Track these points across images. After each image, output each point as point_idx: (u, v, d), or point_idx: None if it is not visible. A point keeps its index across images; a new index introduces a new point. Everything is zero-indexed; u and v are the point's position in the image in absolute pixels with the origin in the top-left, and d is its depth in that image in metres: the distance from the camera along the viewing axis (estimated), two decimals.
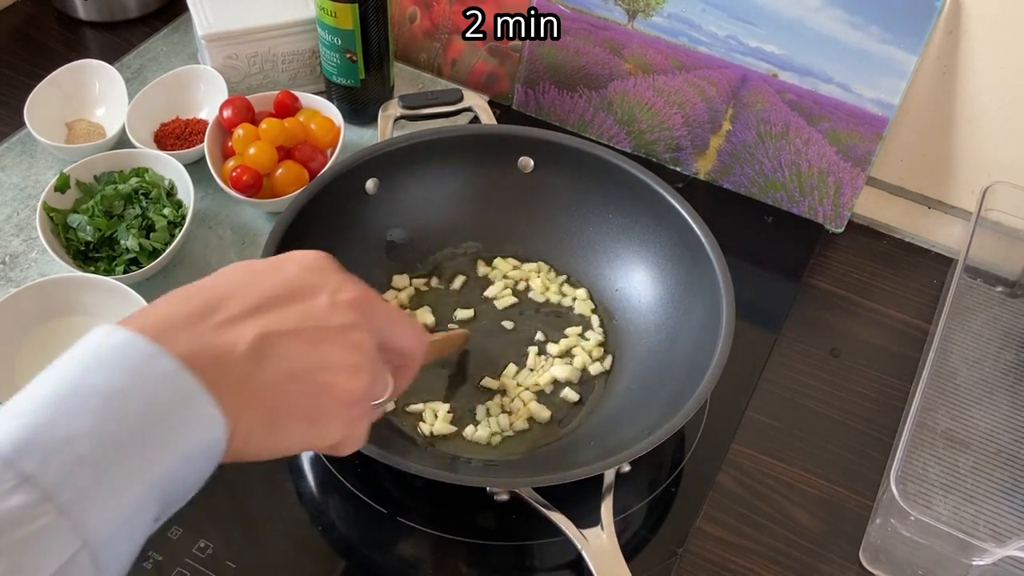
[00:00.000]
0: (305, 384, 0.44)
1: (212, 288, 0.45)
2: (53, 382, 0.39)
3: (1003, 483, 0.75)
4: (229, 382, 0.41)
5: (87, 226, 0.82)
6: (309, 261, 0.48)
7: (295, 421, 0.44)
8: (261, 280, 0.46)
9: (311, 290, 0.46)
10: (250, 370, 0.42)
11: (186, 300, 0.44)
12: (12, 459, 0.36)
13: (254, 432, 0.42)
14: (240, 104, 0.90)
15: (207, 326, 0.42)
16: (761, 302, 0.87)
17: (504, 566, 0.70)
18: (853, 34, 0.85)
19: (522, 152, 0.84)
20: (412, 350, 0.52)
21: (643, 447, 0.64)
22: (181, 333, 0.41)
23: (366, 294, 0.48)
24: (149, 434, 0.39)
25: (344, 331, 0.46)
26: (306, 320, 0.45)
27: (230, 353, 0.42)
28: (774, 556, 0.71)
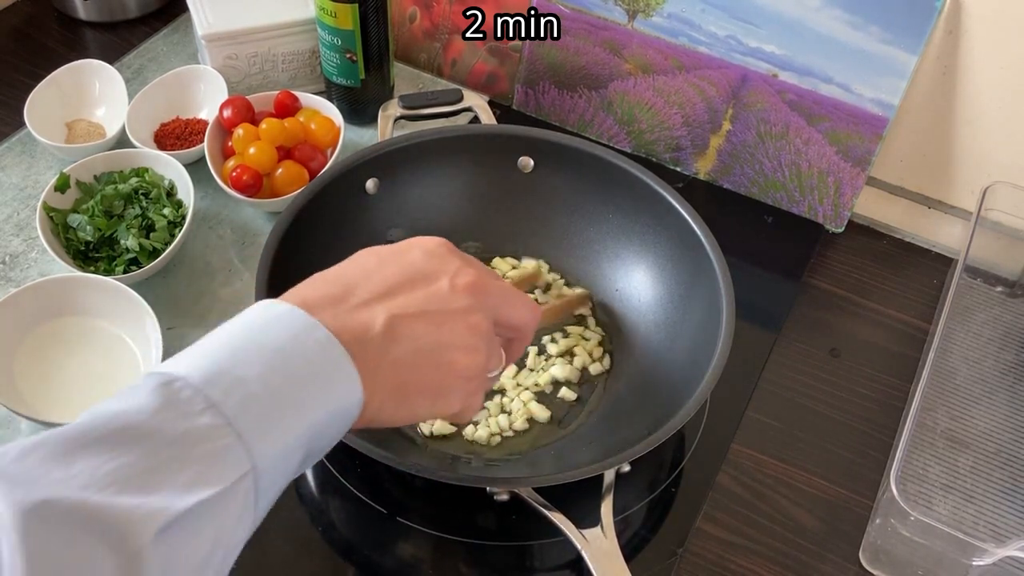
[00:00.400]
0: (430, 361, 0.50)
1: (347, 274, 0.51)
2: (229, 336, 0.45)
3: (1003, 483, 0.74)
4: (366, 357, 0.47)
5: (87, 226, 0.82)
6: (431, 247, 0.54)
7: (421, 394, 0.50)
8: (388, 266, 0.52)
9: (433, 275, 0.52)
10: (383, 348, 0.48)
11: (327, 283, 0.50)
12: (201, 387, 0.42)
13: (386, 403, 0.48)
14: (240, 104, 0.90)
15: (346, 307, 0.48)
16: (761, 302, 0.87)
17: (504, 566, 0.70)
18: (853, 34, 0.85)
19: (522, 152, 0.84)
20: (524, 324, 0.57)
21: (643, 447, 0.64)
22: (326, 311, 0.47)
23: (481, 278, 0.53)
24: (306, 388, 0.44)
25: (463, 314, 0.51)
26: (430, 303, 0.50)
27: (367, 332, 0.48)
28: (774, 556, 0.71)
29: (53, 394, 0.74)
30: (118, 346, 0.77)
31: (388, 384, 0.48)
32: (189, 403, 0.42)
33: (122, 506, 0.38)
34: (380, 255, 0.53)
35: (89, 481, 0.38)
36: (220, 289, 0.84)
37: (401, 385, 0.49)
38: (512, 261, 0.86)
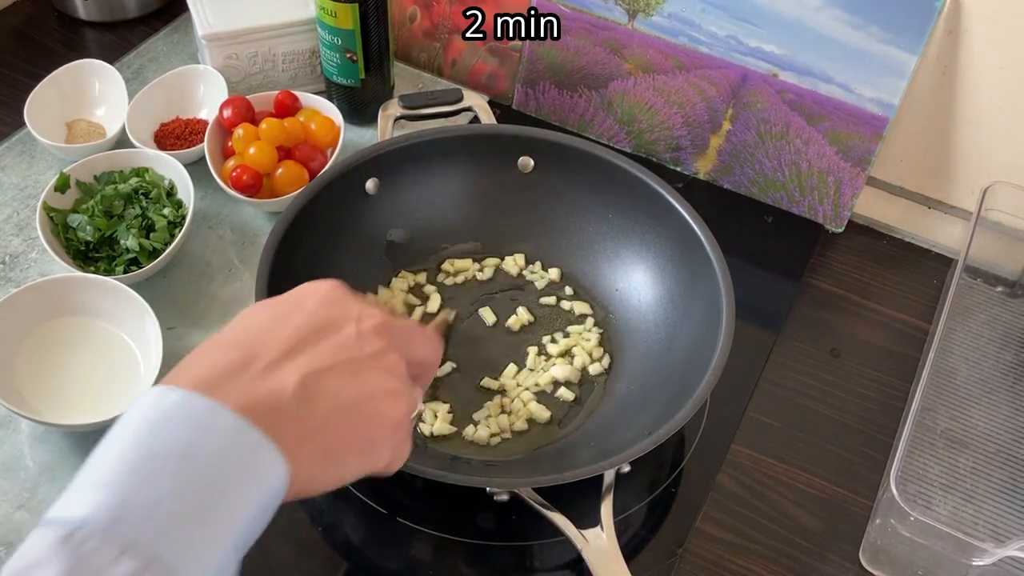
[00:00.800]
0: (354, 416, 0.46)
1: (244, 337, 0.46)
2: (123, 448, 0.40)
3: (1003, 483, 0.74)
4: (285, 427, 0.43)
5: (87, 226, 0.82)
6: (325, 293, 0.50)
7: (349, 453, 0.46)
8: (287, 321, 0.47)
9: (336, 323, 0.48)
10: (302, 412, 0.44)
11: (224, 352, 0.45)
12: (110, 527, 0.37)
13: (314, 470, 0.44)
14: (240, 104, 0.90)
15: (251, 375, 0.44)
16: (761, 302, 0.87)
17: (504, 566, 0.70)
18: (853, 34, 0.85)
19: (522, 152, 0.84)
20: (429, 359, 0.54)
21: (643, 447, 0.64)
22: (229, 386, 0.43)
23: (386, 317, 0.50)
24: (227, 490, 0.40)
25: (378, 358, 0.48)
26: (340, 353, 0.47)
27: (279, 399, 0.43)
28: (774, 556, 0.71)
29: (54, 394, 0.74)
30: (118, 346, 0.77)
31: (313, 451, 0.44)
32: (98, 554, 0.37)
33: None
34: (273, 309, 0.49)
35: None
36: (220, 289, 0.84)
37: (327, 449, 0.45)
38: (518, 258, 0.86)
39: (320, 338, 0.47)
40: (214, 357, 0.44)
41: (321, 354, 0.46)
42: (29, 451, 0.72)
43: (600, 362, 0.80)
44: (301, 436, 0.43)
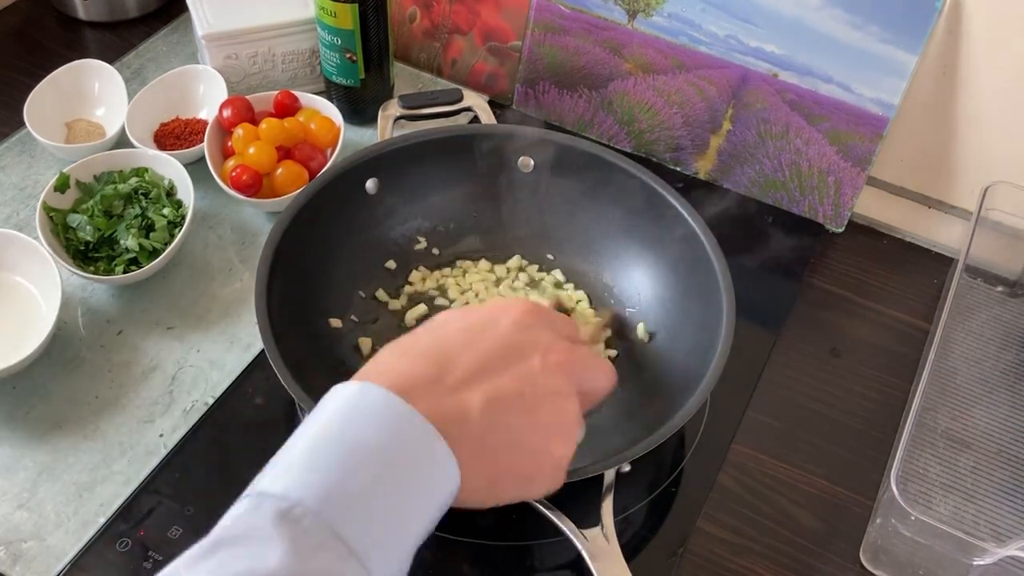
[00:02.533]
0: (524, 449, 0.49)
1: (440, 347, 0.49)
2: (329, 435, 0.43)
3: (1003, 483, 0.74)
4: (463, 443, 0.45)
5: (87, 226, 0.82)
6: (518, 317, 0.52)
7: (512, 482, 0.49)
8: (481, 339, 0.50)
9: (525, 350, 0.50)
10: (480, 436, 0.46)
11: (418, 361, 0.48)
12: (320, 511, 0.41)
13: (476, 490, 0.47)
14: (240, 104, 0.90)
15: (443, 388, 0.47)
16: (761, 302, 0.87)
17: (504, 566, 0.70)
18: (853, 34, 0.85)
19: (522, 152, 0.84)
20: (603, 392, 0.56)
21: (643, 447, 0.64)
22: (422, 394, 0.45)
23: (571, 353, 0.52)
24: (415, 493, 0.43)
25: (557, 398, 0.50)
26: (523, 384, 0.49)
27: (465, 418, 0.46)
28: (774, 556, 0.71)
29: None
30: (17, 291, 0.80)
31: (481, 472, 0.47)
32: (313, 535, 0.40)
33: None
34: (468, 324, 0.51)
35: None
36: (220, 289, 0.84)
37: (494, 472, 0.48)
38: (517, 258, 0.86)
39: (507, 364, 0.49)
40: (410, 364, 0.47)
41: (506, 381, 0.48)
42: (29, 451, 0.72)
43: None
44: (474, 455, 0.46)
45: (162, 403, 0.76)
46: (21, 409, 0.75)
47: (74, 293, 0.82)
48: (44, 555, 0.67)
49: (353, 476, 0.42)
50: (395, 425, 0.44)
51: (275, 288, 0.71)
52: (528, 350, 0.50)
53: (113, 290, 0.83)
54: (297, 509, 0.40)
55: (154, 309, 0.82)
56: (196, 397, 0.76)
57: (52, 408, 0.75)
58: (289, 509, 0.40)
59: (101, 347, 0.79)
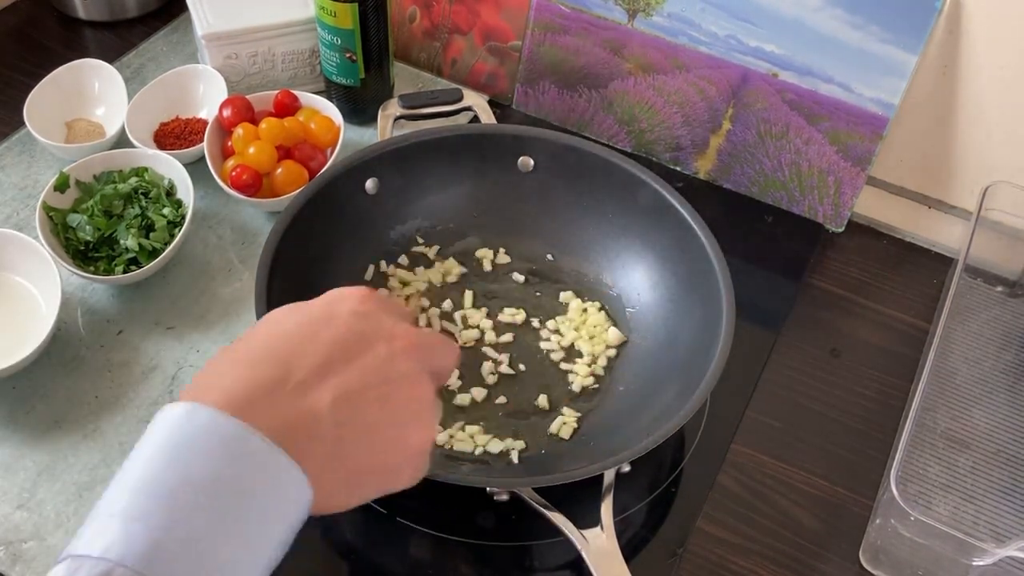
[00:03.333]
0: (381, 441, 0.46)
1: (273, 350, 0.45)
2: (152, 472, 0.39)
3: (1003, 483, 0.74)
4: (314, 450, 0.42)
5: (87, 226, 0.82)
6: (355, 305, 0.48)
7: (372, 476, 0.46)
8: (318, 335, 0.46)
9: (368, 339, 0.47)
10: (332, 435, 0.43)
11: (254, 367, 0.43)
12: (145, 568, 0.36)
13: (334, 492, 0.44)
14: (239, 104, 0.90)
15: (285, 394, 0.43)
16: (761, 302, 0.87)
17: (504, 566, 0.70)
18: (853, 34, 0.85)
19: (522, 152, 0.84)
20: (450, 369, 0.53)
21: (643, 447, 0.64)
22: (261, 405, 0.42)
23: (416, 335, 0.49)
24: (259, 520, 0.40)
25: (407, 381, 0.47)
26: (372, 375, 0.46)
27: (313, 421, 0.43)
28: (774, 556, 0.71)
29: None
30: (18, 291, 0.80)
31: (337, 474, 0.44)
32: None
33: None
34: (302, 319, 0.47)
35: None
36: (220, 289, 0.84)
37: (351, 472, 0.45)
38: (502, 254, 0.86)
39: (352, 356, 0.46)
40: (244, 371, 0.43)
41: (353, 375, 0.45)
42: (29, 451, 0.72)
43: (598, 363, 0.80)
44: (327, 459, 0.43)
45: (162, 403, 0.76)
46: (21, 409, 0.75)
47: (74, 293, 0.82)
48: (44, 555, 0.67)
49: (182, 520, 0.37)
50: (229, 448, 0.39)
51: (275, 288, 0.71)
52: (372, 338, 0.47)
53: (113, 290, 0.83)
54: (118, 572, 0.36)
55: (154, 309, 0.82)
56: None
57: (52, 408, 0.75)
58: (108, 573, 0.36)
59: (101, 347, 0.79)
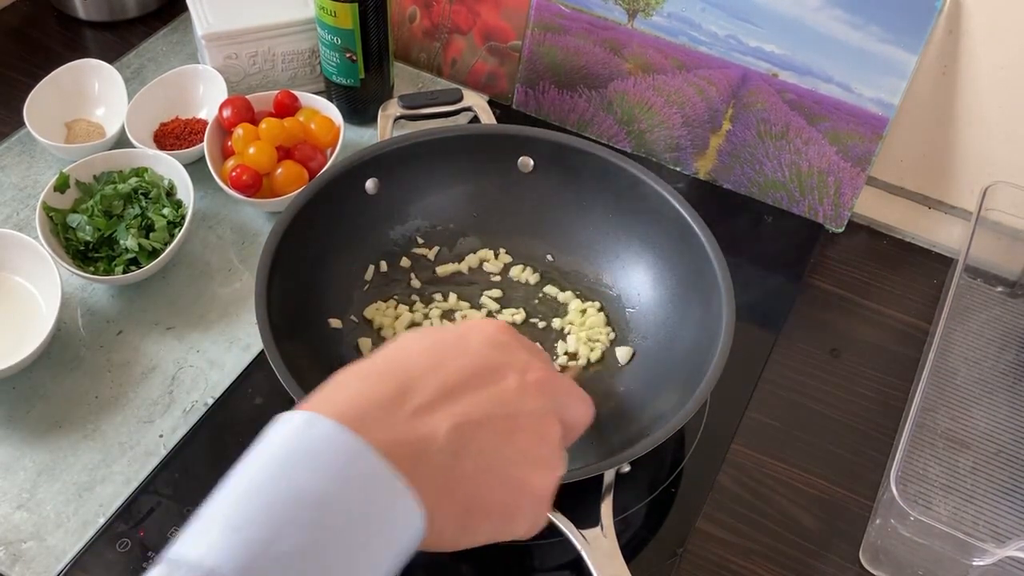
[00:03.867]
0: (500, 480, 0.43)
1: (401, 368, 0.43)
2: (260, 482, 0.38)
3: (1003, 483, 0.74)
4: (428, 477, 0.40)
5: (87, 226, 0.82)
6: (492, 334, 0.47)
7: (487, 518, 0.43)
8: (448, 358, 0.44)
9: (499, 370, 0.45)
10: (448, 464, 0.41)
11: (378, 382, 0.42)
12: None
13: (447, 528, 0.42)
14: (239, 104, 0.90)
15: (403, 414, 0.41)
16: (761, 302, 0.87)
17: (504, 566, 0.70)
18: (853, 34, 0.85)
19: (522, 152, 0.84)
20: (583, 424, 0.50)
21: (643, 447, 0.64)
22: (378, 421, 0.40)
23: (550, 372, 0.47)
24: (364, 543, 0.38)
25: (535, 419, 0.45)
26: (498, 407, 0.43)
27: (428, 446, 0.40)
28: (774, 556, 0.71)
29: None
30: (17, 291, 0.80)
31: (451, 508, 0.41)
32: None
33: None
34: (435, 342, 0.45)
35: None
36: (220, 289, 0.84)
37: (466, 508, 0.42)
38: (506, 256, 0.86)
39: (480, 385, 0.43)
40: (366, 386, 0.42)
41: (478, 403, 0.43)
42: (29, 451, 0.72)
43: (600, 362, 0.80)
44: (443, 490, 0.41)
45: (162, 403, 0.76)
46: (21, 409, 0.75)
47: (74, 293, 0.82)
48: (44, 555, 0.67)
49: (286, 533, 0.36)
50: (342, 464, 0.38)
51: (275, 288, 0.71)
52: (503, 370, 0.45)
53: (113, 290, 0.83)
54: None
55: (154, 309, 0.82)
56: (196, 397, 0.76)
57: (52, 408, 0.75)
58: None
59: (101, 347, 0.79)
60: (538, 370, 0.46)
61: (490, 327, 0.47)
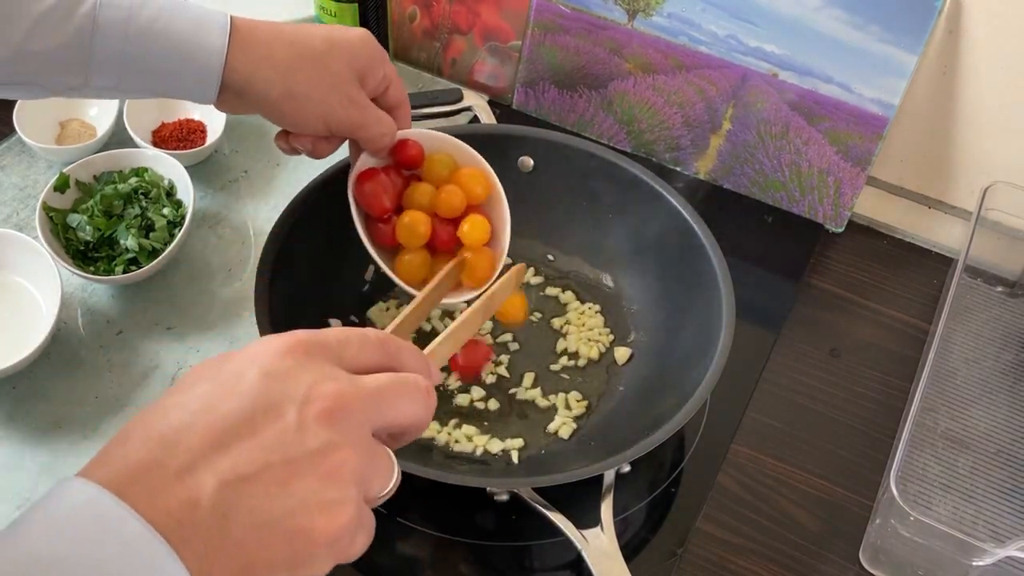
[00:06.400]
0: (278, 534, 0.39)
1: (169, 418, 0.39)
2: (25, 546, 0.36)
3: (1003, 483, 0.74)
4: (196, 542, 0.37)
5: (87, 226, 0.82)
6: (270, 363, 0.41)
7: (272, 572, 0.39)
8: (220, 401, 0.40)
9: (274, 408, 0.40)
10: (216, 529, 0.38)
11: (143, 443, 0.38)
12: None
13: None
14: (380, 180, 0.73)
15: (167, 474, 0.38)
16: (761, 302, 0.87)
17: (504, 566, 0.70)
18: (853, 34, 0.85)
19: (522, 152, 0.84)
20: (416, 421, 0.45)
21: (643, 447, 0.64)
22: (143, 484, 0.37)
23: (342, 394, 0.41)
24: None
25: (319, 457, 0.40)
26: (271, 454, 0.39)
27: (192, 512, 0.37)
28: (774, 556, 0.71)
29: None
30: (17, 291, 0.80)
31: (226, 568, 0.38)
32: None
33: None
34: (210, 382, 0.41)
35: None
36: (220, 289, 0.84)
37: (245, 566, 0.39)
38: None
39: (252, 431, 0.39)
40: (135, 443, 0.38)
41: (246, 455, 0.39)
42: (29, 451, 0.72)
43: (601, 361, 0.80)
44: (215, 552, 0.38)
45: None
46: (21, 409, 0.75)
47: (74, 293, 0.82)
48: None
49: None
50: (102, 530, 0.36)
51: (275, 288, 0.71)
52: (280, 405, 0.40)
53: (113, 290, 0.83)
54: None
55: (154, 309, 0.82)
56: None
57: (52, 408, 0.75)
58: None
59: (101, 347, 0.79)
60: (324, 397, 0.40)
61: (271, 352, 0.41)
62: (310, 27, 0.69)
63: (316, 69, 0.67)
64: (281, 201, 0.79)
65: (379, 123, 0.71)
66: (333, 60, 0.68)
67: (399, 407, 0.44)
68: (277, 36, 0.67)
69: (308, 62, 0.67)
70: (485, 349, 0.76)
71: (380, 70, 0.70)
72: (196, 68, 0.65)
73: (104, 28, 0.63)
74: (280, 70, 0.66)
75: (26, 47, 0.62)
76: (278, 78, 0.66)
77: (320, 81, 0.67)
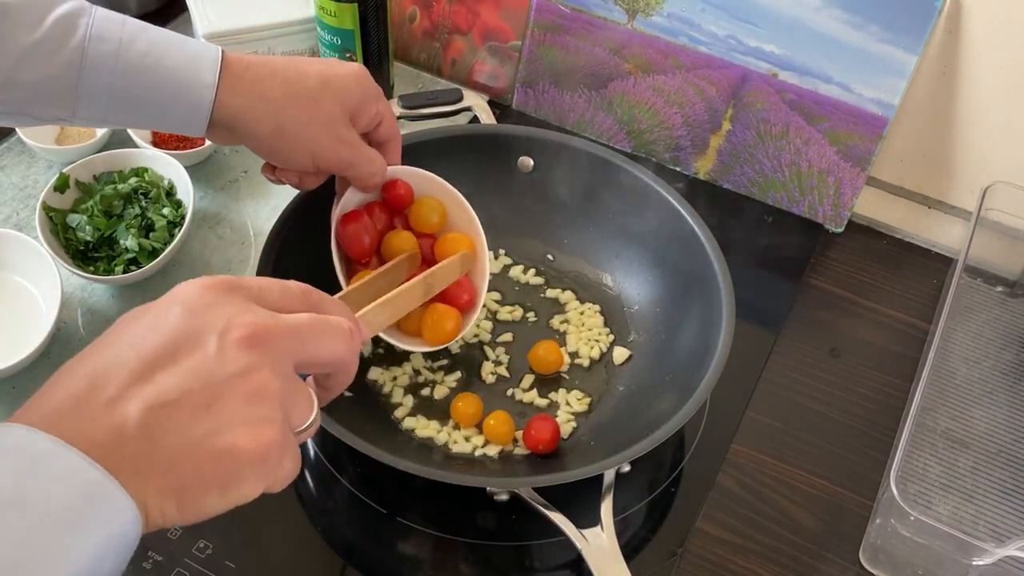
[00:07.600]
0: (203, 453, 0.41)
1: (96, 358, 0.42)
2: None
3: (1003, 483, 0.74)
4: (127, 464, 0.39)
5: (86, 226, 0.82)
6: (192, 298, 0.44)
7: (206, 491, 0.41)
8: (143, 338, 0.42)
9: (196, 337, 0.42)
10: (144, 451, 0.40)
11: (72, 378, 0.41)
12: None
13: (166, 508, 0.40)
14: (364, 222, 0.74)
15: (96, 406, 0.40)
16: (761, 302, 0.87)
17: (504, 566, 0.70)
18: (853, 34, 0.85)
19: (522, 152, 0.84)
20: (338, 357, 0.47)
21: (643, 447, 0.64)
22: (73, 419, 0.39)
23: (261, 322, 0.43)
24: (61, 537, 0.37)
25: (239, 379, 0.42)
26: (192, 380, 0.41)
27: (120, 436, 0.39)
28: (774, 556, 0.71)
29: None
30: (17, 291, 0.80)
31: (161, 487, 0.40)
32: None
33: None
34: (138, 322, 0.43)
35: None
36: None
37: (179, 487, 0.41)
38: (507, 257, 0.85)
39: (173, 360, 0.41)
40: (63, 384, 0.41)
41: (171, 381, 0.41)
42: None
43: (601, 361, 0.80)
44: (146, 474, 0.40)
45: None
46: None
47: (74, 293, 0.82)
48: None
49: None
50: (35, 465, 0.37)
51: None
52: (201, 336, 0.42)
53: (113, 290, 0.83)
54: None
55: None
56: None
57: None
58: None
59: None
60: (244, 325, 0.43)
61: (193, 289, 0.44)
62: (304, 63, 0.68)
63: (308, 108, 0.66)
64: (281, 201, 0.79)
65: (370, 163, 0.71)
66: (326, 99, 0.67)
67: (320, 343, 0.46)
68: (271, 73, 0.66)
69: (301, 100, 0.66)
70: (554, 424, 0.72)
71: (373, 108, 0.70)
72: (186, 103, 0.64)
73: (93, 61, 0.62)
74: (272, 108, 0.66)
75: (14, 78, 0.61)
76: (269, 115, 0.66)
77: (311, 120, 0.67)
